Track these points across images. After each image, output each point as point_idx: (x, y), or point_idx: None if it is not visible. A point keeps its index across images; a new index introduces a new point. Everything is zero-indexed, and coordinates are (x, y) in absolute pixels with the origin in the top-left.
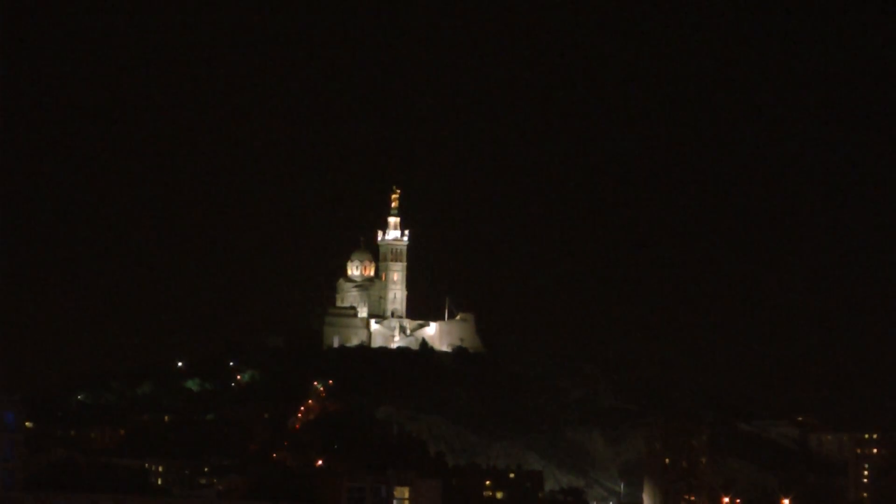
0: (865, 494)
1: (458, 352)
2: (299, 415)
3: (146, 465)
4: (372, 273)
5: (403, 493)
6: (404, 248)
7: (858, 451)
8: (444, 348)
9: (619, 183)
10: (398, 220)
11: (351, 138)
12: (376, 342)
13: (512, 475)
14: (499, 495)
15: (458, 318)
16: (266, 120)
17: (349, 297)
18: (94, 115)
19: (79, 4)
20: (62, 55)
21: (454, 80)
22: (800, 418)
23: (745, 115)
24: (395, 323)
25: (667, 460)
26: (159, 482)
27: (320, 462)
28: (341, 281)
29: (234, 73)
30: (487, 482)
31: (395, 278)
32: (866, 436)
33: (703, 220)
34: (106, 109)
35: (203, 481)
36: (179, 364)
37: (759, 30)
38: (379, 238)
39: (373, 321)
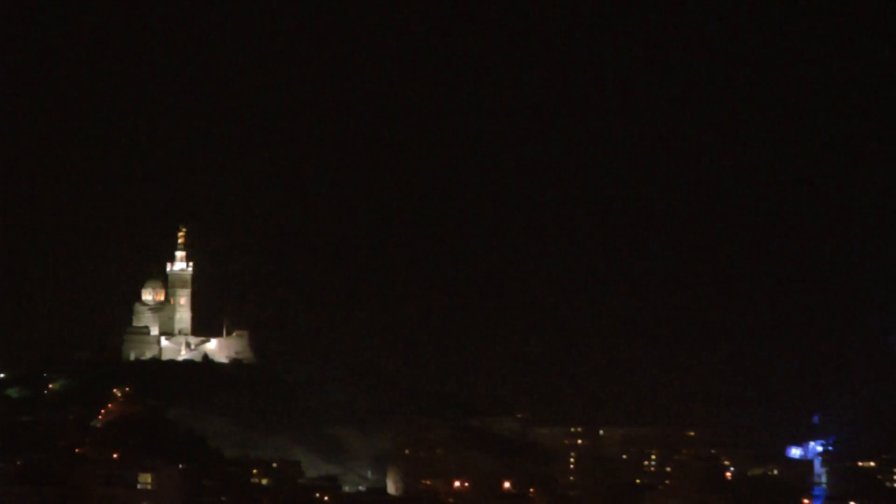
0: (572, 478)
1: (236, 363)
2: (101, 416)
3: None
4: (163, 298)
5: (147, 478)
6: (189, 277)
7: (566, 441)
8: (224, 360)
9: (368, 217)
10: (184, 253)
11: (143, 182)
12: (166, 355)
13: (275, 465)
14: (264, 482)
15: (234, 334)
16: (71, 153)
17: (144, 318)
18: None
19: None
20: None
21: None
22: (520, 415)
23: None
24: (182, 339)
25: (408, 451)
26: None
27: (116, 455)
28: (137, 304)
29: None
30: (255, 471)
31: (182, 302)
32: (573, 429)
33: (443, 233)
34: None
35: None
36: (2, 375)
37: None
38: (168, 269)
39: (163, 338)
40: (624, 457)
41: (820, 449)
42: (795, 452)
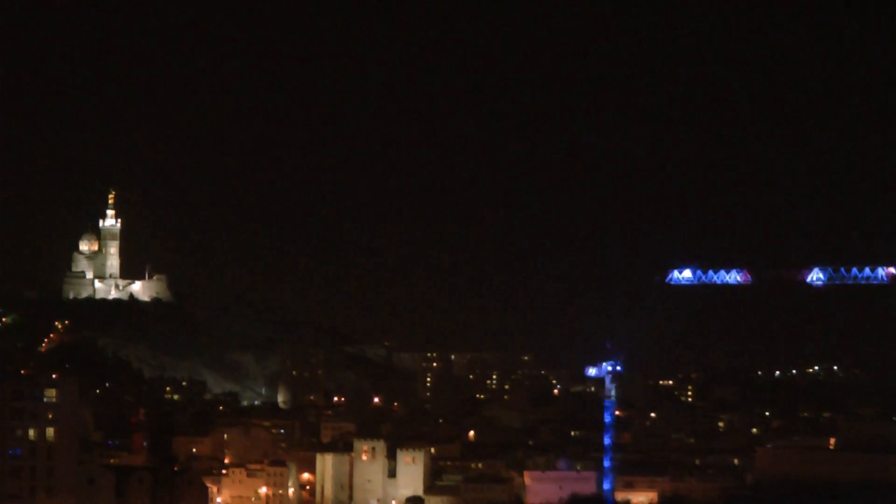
0: (429, 394)
1: (156, 301)
2: (44, 345)
3: None
4: (96, 248)
5: (52, 392)
6: (118, 231)
7: (424, 364)
8: (146, 299)
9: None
10: (114, 212)
11: (81, 148)
12: (99, 295)
13: (185, 384)
14: (176, 397)
15: (155, 278)
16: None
17: (81, 264)
18: None
19: None
20: None
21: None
22: (386, 343)
23: None
24: (112, 282)
25: (294, 372)
26: None
27: (55, 375)
28: (75, 253)
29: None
30: (168, 388)
31: (112, 251)
32: (429, 354)
33: (324, 183)
34: None
35: None
36: None
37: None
38: (101, 224)
39: (96, 281)
40: (470, 377)
41: (609, 369)
42: (592, 372)
